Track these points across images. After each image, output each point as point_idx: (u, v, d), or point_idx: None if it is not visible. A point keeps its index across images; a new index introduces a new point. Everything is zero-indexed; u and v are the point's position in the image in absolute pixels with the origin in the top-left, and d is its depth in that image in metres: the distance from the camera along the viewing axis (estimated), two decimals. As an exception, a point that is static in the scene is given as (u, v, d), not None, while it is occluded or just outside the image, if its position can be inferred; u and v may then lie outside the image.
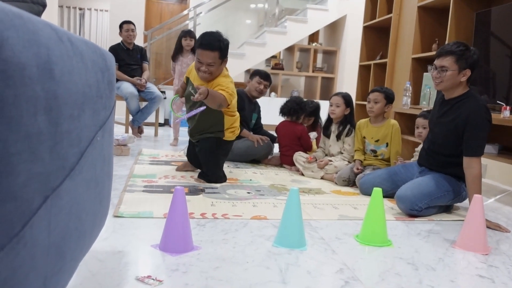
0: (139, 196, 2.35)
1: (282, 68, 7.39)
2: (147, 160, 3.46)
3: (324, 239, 1.88)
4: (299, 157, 3.40)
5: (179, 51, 4.39)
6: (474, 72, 2.32)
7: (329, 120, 3.43)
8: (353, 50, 6.81)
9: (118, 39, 4.89)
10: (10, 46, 0.58)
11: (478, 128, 2.27)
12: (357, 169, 3.05)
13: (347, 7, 6.94)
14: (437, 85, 2.38)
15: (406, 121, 4.04)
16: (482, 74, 3.29)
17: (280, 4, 7.34)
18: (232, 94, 2.69)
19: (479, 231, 1.87)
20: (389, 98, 3.06)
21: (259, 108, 4.03)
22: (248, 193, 2.61)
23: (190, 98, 2.72)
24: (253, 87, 3.78)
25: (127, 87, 4.56)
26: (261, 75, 3.77)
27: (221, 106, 2.66)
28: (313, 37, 8.01)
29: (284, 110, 3.65)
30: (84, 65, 0.89)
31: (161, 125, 6.34)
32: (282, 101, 3.73)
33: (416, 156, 2.99)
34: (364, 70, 5.33)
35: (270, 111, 5.38)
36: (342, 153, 3.33)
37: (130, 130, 4.80)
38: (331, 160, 3.27)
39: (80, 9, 9.47)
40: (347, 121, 3.33)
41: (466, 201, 2.50)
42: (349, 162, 3.24)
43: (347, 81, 7.00)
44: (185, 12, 6.78)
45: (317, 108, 3.92)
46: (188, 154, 3.10)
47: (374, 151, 3.13)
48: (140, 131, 4.88)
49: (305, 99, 3.82)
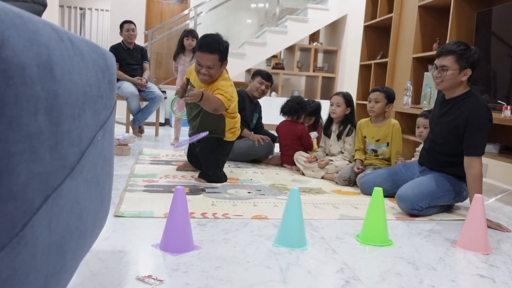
0: (140, 196, 2.35)
1: (283, 68, 7.38)
2: (148, 160, 3.46)
3: (325, 239, 1.88)
4: (300, 157, 3.40)
5: (181, 51, 4.39)
6: (475, 72, 2.32)
7: (330, 120, 3.43)
8: (354, 50, 6.81)
9: (119, 39, 4.89)
10: (11, 46, 0.58)
11: (479, 128, 2.27)
12: (358, 169, 3.05)
13: (348, 7, 6.94)
14: (438, 85, 2.38)
15: (407, 121, 4.04)
16: (483, 74, 3.29)
17: (281, 4, 7.33)
18: (231, 99, 2.67)
19: (480, 231, 1.87)
20: (390, 98, 3.06)
21: (260, 108, 4.03)
22: (249, 193, 2.61)
23: (199, 101, 2.71)
24: (255, 87, 3.77)
25: (128, 87, 4.57)
26: (263, 76, 3.77)
27: (218, 111, 2.66)
28: (314, 37, 8.01)
29: (285, 110, 3.64)
30: (85, 65, 0.89)
31: (162, 125, 6.34)
32: (283, 101, 3.73)
33: (417, 156, 2.99)
34: (365, 70, 5.33)
35: (271, 111, 5.38)
36: (343, 153, 3.32)
37: (131, 130, 4.80)
38: (332, 160, 3.27)
39: (81, 9, 9.47)
40: (348, 121, 3.33)
41: (467, 201, 2.50)
42: (350, 162, 3.24)
43: (348, 81, 6.99)
44: (186, 12, 6.78)
45: (318, 108, 3.92)
46: (188, 155, 3.10)
47: (375, 151, 3.13)
48: (141, 131, 4.88)
49: (306, 99, 3.82)
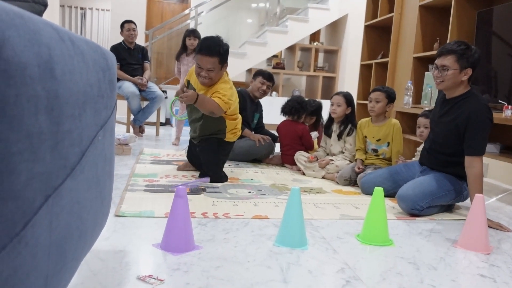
0: (141, 196, 2.35)
1: (283, 68, 7.38)
2: (149, 160, 3.46)
3: (325, 239, 1.88)
4: (301, 157, 3.40)
5: (184, 51, 4.39)
6: (475, 71, 2.32)
7: (330, 120, 3.43)
8: (355, 49, 6.81)
9: (119, 39, 4.89)
10: (11, 46, 0.58)
11: (480, 128, 2.27)
12: (358, 169, 3.05)
13: (349, 6, 6.93)
14: (438, 85, 2.38)
15: (408, 121, 4.04)
16: (484, 73, 3.29)
17: (281, 4, 7.33)
18: (228, 102, 2.66)
19: (481, 231, 1.86)
20: (391, 98, 3.06)
21: (261, 108, 4.03)
22: (249, 193, 2.61)
23: (193, 103, 2.71)
24: (256, 87, 3.77)
25: (129, 87, 4.57)
26: (264, 76, 3.76)
27: (214, 114, 2.65)
28: (314, 36, 8.01)
29: (286, 110, 3.64)
30: (85, 65, 0.89)
31: (163, 125, 6.34)
32: (284, 101, 3.72)
33: (418, 156, 2.99)
34: (366, 69, 5.33)
35: (272, 111, 5.38)
36: (344, 153, 3.32)
37: (132, 130, 4.81)
38: (333, 160, 3.26)
39: (82, 9, 9.48)
40: (348, 121, 3.33)
41: (468, 201, 2.49)
42: (350, 162, 3.24)
43: (349, 81, 6.99)
44: (187, 12, 6.78)
45: (319, 108, 3.91)
46: (188, 154, 3.10)
47: (376, 151, 3.13)
48: (142, 131, 4.88)
49: (307, 99, 3.82)
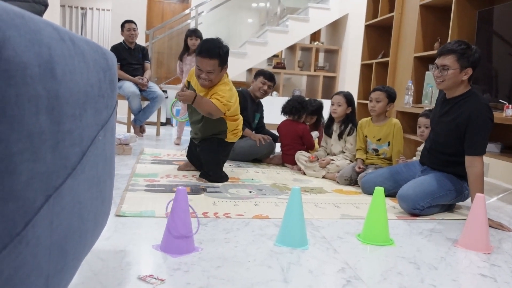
0: (141, 196, 2.36)
1: (284, 67, 7.38)
2: (149, 160, 3.46)
3: (326, 238, 1.88)
4: (301, 156, 3.40)
5: (186, 51, 4.39)
6: (476, 71, 2.32)
7: (331, 119, 3.43)
8: (355, 49, 6.81)
9: (120, 39, 4.89)
10: (12, 46, 0.58)
11: (480, 127, 2.26)
12: (359, 168, 3.05)
13: (349, 6, 6.93)
14: (439, 84, 2.38)
15: (408, 120, 4.04)
16: (485, 73, 3.29)
17: (282, 3, 7.33)
18: (227, 104, 2.66)
19: (481, 230, 1.86)
20: (391, 97, 3.06)
21: (262, 108, 4.02)
22: (250, 192, 2.61)
23: (191, 104, 2.71)
24: (257, 87, 3.76)
25: (129, 87, 4.57)
26: (265, 76, 3.75)
27: (212, 116, 2.65)
28: (315, 36, 8.01)
29: (286, 109, 3.64)
30: (86, 65, 0.89)
31: (163, 125, 6.35)
32: (284, 100, 3.73)
33: (418, 155, 2.99)
34: (366, 69, 5.33)
35: (272, 110, 5.38)
36: (344, 152, 3.32)
37: (132, 130, 4.81)
38: (333, 159, 3.27)
39: (82, 9, 9.48)
40: (349, 120, 3.33)
41: (468, 200, 2.49)
42: (351, 161, 3.24)
43: (349, 80, 6.99)
44: (187, 11, 6.78)
45: (320, 107, 3.91)
46: (189, 154, 3.10)
47: (376, 150, 3.13)
48: (142, 131, 4.89)
49: (307, 98, 3.82)
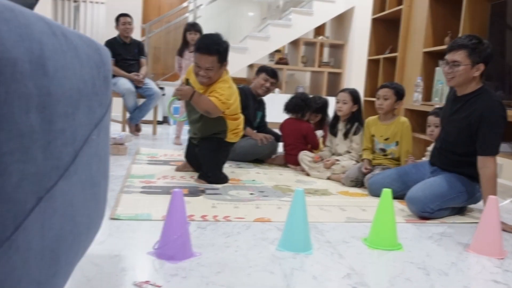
0: (137, 198, 2.36)
1: (287, 63, 7.37)
2: (145, 160, 3.46)
3: (331, 243, 1.88)
4: (305, 157, 3.40)
5: (185, 46, 4.39)
6: (488, 67, 2.31)
7: (336, 118, 3.42)
8: (362, 44, 6.79)
9: (115, 33, 4.90)
10: (1, 41, 0.58)
11: (493, 126, 2.26)
12: (366, 169, 3.05)
13: (355, -1, 6.93)
14: (449, 81, 2.37)
15: (417, 118, 4.04)
16: (498, 69, 3.28)
17: (285, -4, 7.35)
18: (226, 103, 2.66)
19: (494, 234, 1.86)
20: (399, 94, 3.06)
21: (264, 106, 4.02)
22: (251, 194, 2.61)
23: (190, 102, 2.72)
24: (259, 84, 3.76)
25: (124, 83, 4.57)
26: (268, 72, 3.75)
27: (210, 114, 2.66)
28: (319, 30, 7.99)
29: (289, 107, 3.64)
30: (79, 60, 0.89)
31: (160, 123, 6.35)
32: (287, 98, 3.72)
33: (428, 156, 2.99)
34: (373, 65, 5.32)
35: (274, 108, 5.37)
36: (350, 152, 3.32)
37: (127, 128, 4.81)
38: (338, 160, 3.26)
39: (75, 2, 9.48)
40: (355, 119, 3.32)
41: (481, 203, 2.49)
42: (357, 162, 3.23)
43: (355, 77, 6.98)
44: (185, 4, 6.78)
45: (325, 105, 3.91)
46: (187, 155, 3.10)
47: (384, 150, 3.13)
48: (138, 129, 4.89)
49: (311, 95, 3.81)
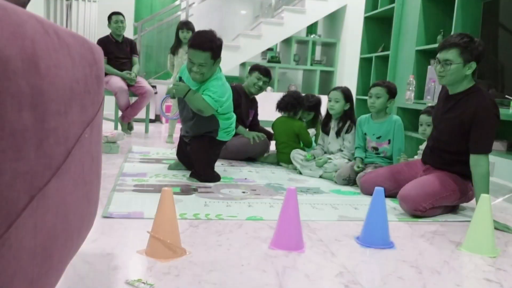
0: (129, 196, 2.35)
1: (279, 61, 7.38)
2: (138, 158, 3.46)
3: (323, 241, 1.89)
4: (297, 155, 3.41)
5: (178, 44, 4.38)
6: (480, 65, 2.33)
7: (328, 116, 3.43)
8: (354, 42, 6.81)
9: (107, 31, 4.87)
10: (-6, 39, 0.58)
11: (486, 124, 2.27)
12: (358, 168, 3.06)
13: (347, -3, 6.95)
14: (441, 80, 2.39)
15: (410, 117, 4.06)
16: (490, 67, 3.30)
17: (277, -6, 7.35)
18: (219, 101, 2.69)
19: (487, 233, 1.88)
20: (392, 93, 3.07)
21: (257, 105, 4.02)
22: (243, 193, 2.61)
23: (183, 99, 2.73)
24: (252, 83, 3.76)
25: (116, 82, 4.56)
26: (261, 71, 3.75)
27: (202, 113, 2.68)
28: (312, 29, 8.01)
29: (281, 105, 3.64)
30: (71, 59, 0.89)
31: (152, 121, 6.33)
32: (279, 96, 3.73)
33: (420, 154, 3.00)
34: (365, 63, 5.34)
35: (267, 107, 5.38)
36: (342, 151, 3.33)
37: (120, 127, 4.80)
38: (331, 158, 3.28)
39: (67, 0, 9.43)
40: (347, 117, 3.33)
41: (473, 201, 2.51)
42: (349, 160, 3.25)
43: (347, 75, 7.00)
44: (177, 3, 6.76)
45: (318, 103, 3.91)
46: (179, 153, 3.09)
47: (376, 148, 3.14)
48: (130, 128, 4.87)
49: (305, 94, 3.82)
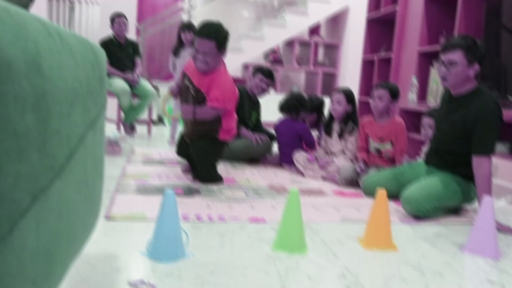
0: (132, 198, 2.36)
1: (282, 63, 7.38)
2: (140, 160, 3.46)
3: (326, 243, 1.89)
4: (300, 157, 3.40)
5: (180, 46, 4.38)
6: (482, 67, 2.33)
7: (331, 118, 3.43)
8: (356, 44, 6.81)
9: (109, 33, 4.88)
10: (-3, 41, 0.58)
11: (489, 126, 2.27)
12: (361, 169, 3.06)
13: (350, -1, 6.95)
14: (445, 82, 2.38)
15: (412, 118, 4.06)
16: (493, 69, 3.30)
17: (280, -5, 7.35)
18: (225, 100, 2.73)
19: (489, 235, 1.87)
20: (394, 94, 3.07)
21: (259, 106, 4.02)
22: (246, 194, 2.61)
23: (186, 93, 2.77)
24: (255, 85, 3.76)
25: (119, 83, 4.56)
26: (264, 73, 3.75)
27: (215, 117, 2.76)
28: (314, 30, 8.01)
29: (284, 107, 3.64)
30: (74, 61, 0.89)
31: (155, 123, 6.33)
32: (282, 97, 3.73)
33: (423, 156, 3.00)
34: (368, 65, 5.34)
35: (269, 108, 5.38)
36: (345, 152, 3.33)
37: (122, 128, 4.80)
38: (333, 160, 3.27)
39: (70, 2, 9.45)
40: (350, 119, 3.33)
41: (476, 203, 2.50)
42: (352, 162, 3.24)
43: (350, 77, 7.00)
44: (180, 5, 6.77)
45: (321, 104, 3.91)
46: (179, 151, 3.07)
47: (379, 150, 3.14)
48: (133, 129, 4.88)
49: (308, 95, 3.82)
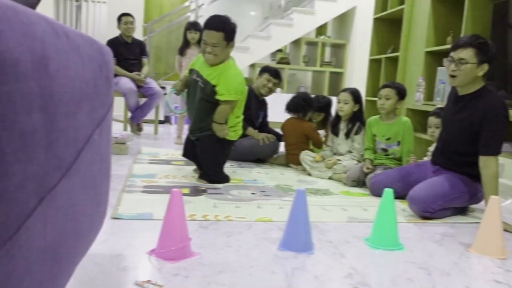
0: (139, 197, 2.36)
1: (288, 63, 7.37)
2: (147, 159, 3.47)
3: (332, 243, 1.88)
4: (306, 156, 3.40)
5: (186, 45, 4.39)
6: (491, 67, 2.31)
7: (338, 118, 3.42)
8: (363, 44, 6.78)
9: (116, 33, 4.89)
10: (4, 41, 0.58)
11: (495, 125, 2.26)
12: (367, 169, 3.05)
13: (357, -2, 6.92)
14: (453, 81, 2.36)
15: (419, 118, 4.03)
16: (500, 68, 3.27)
17: (286, -5, 7.34)
18: (236, 94, 2.74)
19: (496, 234, 1.86)
20: (401, 94, 3.06)
21: (266, 106, 4.01)
22: (253, 194, 2.61)
23: (194, 88, 2.81)
24: (262, 85, 3.76)
25: (126, 83, 4.58)
26: (271, 73, 3.75)
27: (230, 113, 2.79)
28: (321, 30, 7.99)
29: (291, 107, 3.63)
30: (81, 60, 0.89)
31: (161, 123, 6.35)
32: (288, 97, 3.72)
33: (429, 156, 2.98)
34: (375, 65, 5.31)
35: (276, 108, 5.37)
36: (352, 152, 3.32)
37: (129, 128, 4.81)
38: (340, 159, 3.26)
39: (77, 1, 9.49)
40: (356, 119, 3.32)
41: (482, 203, 2.49)
42: (359, 162, 3.23)
43: (357, 76, 6.97)
44: (187, 4, 6.79)
45: (328, 104, 3.89)
46: (185, 153, 3.06)
47: (385, 150, 3.12)
48: (139, 129, 4.89)
49: (315, 95, 3.80)
